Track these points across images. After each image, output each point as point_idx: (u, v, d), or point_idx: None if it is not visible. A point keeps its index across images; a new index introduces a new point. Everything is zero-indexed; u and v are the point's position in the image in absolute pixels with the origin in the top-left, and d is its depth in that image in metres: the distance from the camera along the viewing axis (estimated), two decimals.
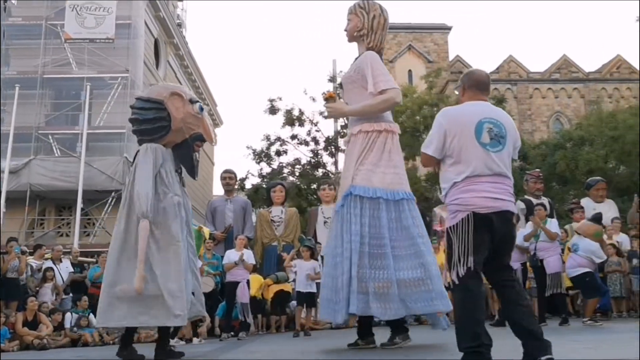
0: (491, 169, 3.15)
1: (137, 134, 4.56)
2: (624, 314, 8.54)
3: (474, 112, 3.27)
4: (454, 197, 3.19)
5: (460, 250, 3.07)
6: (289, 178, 22.38)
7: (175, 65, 23.47)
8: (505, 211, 3.15)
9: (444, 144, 3.25)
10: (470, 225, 3.07)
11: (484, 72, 3.55)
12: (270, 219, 9.07)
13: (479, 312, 3.06)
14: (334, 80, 22.97)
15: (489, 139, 3.18)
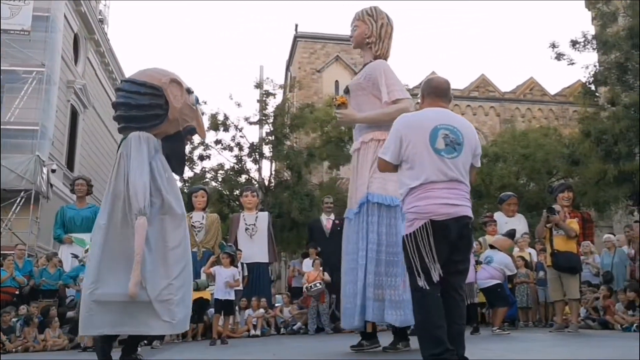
0: (446, 175, 3.16)
1: (123, 120, 4.01)
2: (530, 324, 8.96)
3: (431, 118, 3.29)
4: (410, 204, 3.19)
5: (422, 259, 3.07)
6: (211, 183, 22.05)
7: (96, 62, 22.63)
8: (463, 217, 3.16)
9: (400, 150, 3.26)
10: (430, 233, 3.07)
11: (443, 78, 3.59)
12: (191, 224, 8.88)
13: (439, 317, 3.05)
14: (261, 86, 22.89)
15: (444, 145, 3.19)
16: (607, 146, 16.79)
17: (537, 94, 40.99)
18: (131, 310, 3.66)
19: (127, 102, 3.98)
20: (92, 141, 22.38)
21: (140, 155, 3.85)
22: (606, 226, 26.04)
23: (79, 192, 8.44)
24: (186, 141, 4.29)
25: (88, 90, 20.87)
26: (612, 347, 5.25)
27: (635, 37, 17.24)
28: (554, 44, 19.04)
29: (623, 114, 16.68)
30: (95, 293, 3.64)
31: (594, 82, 19.53)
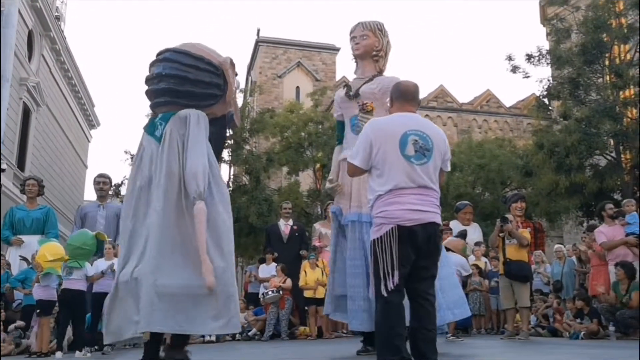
0: (415, 182, 3.14)
1: (171, 94, 3.55)
2: (483, 331, 9.12)
3: (400, 124, 3.25)
4: (378, 209, 3.16)
5: (387, 264, 3.04)
6: None
7: (51, 60, 22.03)
8: (431, 223, 3.15)
9: (370, 155, 3.22)
10: (395, 238, 3.05)
11: (412, 82, 3.50)
12: None
13: (400, 325, 3.03)
14: None
15: (414, 151, 3.17)
16: (559, 158, 17.29)
17: (493, 105, 41.90)
18: (185, 305, 3.34)
19: (182, 76, 3.58)
20: (45, 140, 21.75)
21: (200, 135, 3.52)
22: (557, 236, 26.80)
23: (29, 192, 8.18)
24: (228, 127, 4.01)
25: (42, 88, 20.30)
26: (560, 354, 5.38)
27: (587, 54, 17.86)
28: (510, 56, 19.59)
29: (575, 128, 17.22)
30: (157, 284, 3.28)
31: (547, 96, 20.13)
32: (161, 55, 3.69)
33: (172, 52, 3.68)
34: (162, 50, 3.73)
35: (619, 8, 18.47)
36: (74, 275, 5.92)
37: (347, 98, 5.15)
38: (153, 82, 3.62)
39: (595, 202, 15.60)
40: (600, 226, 8.40)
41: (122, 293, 3.47)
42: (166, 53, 3.69)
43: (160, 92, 3.60)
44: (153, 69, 3.66)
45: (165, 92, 3.59)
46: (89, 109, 28.74)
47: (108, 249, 6.69)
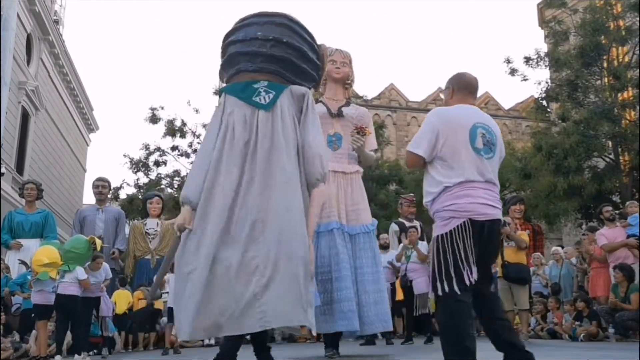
0: (483, 176, 3.02)
1: (287, 66, 3.31)
2: (482, 333, 9.09)
3: (469, 115, 3.11)
4: (447, 202, 2.97)
5: (460, 259, 2.87)
6: (167, 190, 21.74)
7: (49, 64, 22.04)
8: (497, 220, 3.04)
9: (435, 145, 3.04)
10: (468, 232, 2.89)
11: (472, 75, 3.37)
12: (145, 231, 8.73)
13: (470, 326, 2.88)
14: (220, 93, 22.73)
15: (483, 144, 3.04)
16: (557, 160, 17.31)
17: (492, 108, 41.97)
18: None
19: (302, 50, 3.37)
20: (44, 144, 21.75)
21: (315, 115, 3.35)
22: (556, 238, 26.80)
23: (28, 196, 8.18)
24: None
25: (41, 92, 20.31)
26: (560, 356, 5.38)
27: (585, 56, 17.90)
28: (509, 59, 19.62)
29: (573, 130, 17.25)
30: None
31: (545, 98, 20.17)
32: (276, 19, 3.40)
33: (289, 20, 3.44)
34: (271, 13, 3.43)
35: (616, 10, 18.53)
36: (66, 278, 5.89)
37: (330, 115, 5.24)
38: (265, 44, 3.31)
39: (594, 204, 15.63)
40: (601, 228, 8.41)
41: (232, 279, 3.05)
42: (282, 18, 3.41)
43: (272, 59, 3.32)
44: (263, 30, 3.34)
45: (278, 60, 3.32)
46: (87, 113, 28.75)
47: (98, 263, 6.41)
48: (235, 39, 3.40)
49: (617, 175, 17.44)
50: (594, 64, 18.44)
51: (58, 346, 6.04)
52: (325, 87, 5.41)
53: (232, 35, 3.46)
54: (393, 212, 15.16)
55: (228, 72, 3.50)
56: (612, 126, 16.89)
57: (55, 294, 5.91)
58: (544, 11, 25.90)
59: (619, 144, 17.78)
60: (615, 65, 18.22)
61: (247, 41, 3.34)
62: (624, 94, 18.08)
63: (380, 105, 38.53)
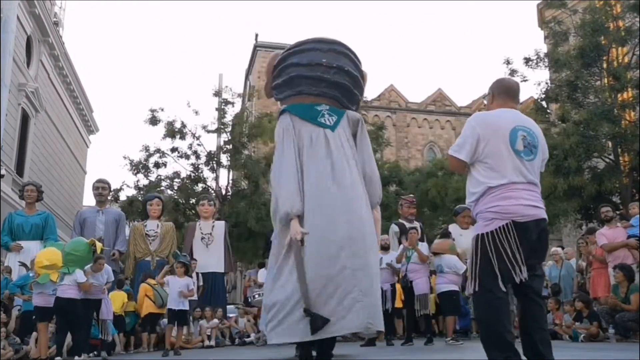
0: (525, 177, 3.09)
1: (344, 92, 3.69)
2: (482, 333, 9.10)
3: (508, 119, 3.20)
4: (490, 203, 3.07)
5: (501, 260, 2.96)
6: (167, 191, 21.72)
7: (49, 66, 22.05)
8: (542, 219, 3.10)
9: (476, 149, 3.15)
10: (513, 233, 2.98)
11: (514, 80, 3.52)
12: (145, 232, 8.74)
13: (509, 322, 2.98)
14: (220, 94, 22.72)
15: (523, 146, 3.12)
16: (557, 161, 17.29)
17: None
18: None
19: (357, 81, 3.72)
20: (44, 146, 21.75)
21: (368, 140, 3.75)
22: (555, 239, 26.79)
23: (28, 198, 8.18)
24: None
25: (40, 94, 20.31)
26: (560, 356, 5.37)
27: (585, 57, 17.89)
28: (508, 60, 19.58)
29: (573, 130, 17.23)
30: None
31: (545, 98, 20.14)
32: (337, 47, 3.69)
33: (347, 49, 3.72)
34: (331, 40, 3.73)
35: (616, 11, 18.52)
36: (65, 281, 5.89)
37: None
38: (328, 70, 3.60)
39: (594, 204, 15.60)
40: (601, 228, 8.40)
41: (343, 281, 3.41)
42: (342, 47, 3.70)
43: (334, 85, 3.63)
44: (327, 57, 3.62)
45: (338, 86, 3.64)
46: (87, 115, 28.75)
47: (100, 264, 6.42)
48: (298, 62, 3.66)
49: (617, 175, 17.42)
50: (594, 64, 18.42)
51: (58, 348, 6.04)
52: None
53: (293, 58, 3.70)
54: (393, 213, 15.14)
55: (285, 92, 3.75)
56: (612, 127, 16.86)
57: (55, 297, 5.91)
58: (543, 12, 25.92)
59: (619, 145, 17.76)
60: (615, 65, 18.20)
61: (312, 66, 3.63)
62: (624, 95, 18.05)
63: (380, 107, 38.53)
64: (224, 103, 22.77)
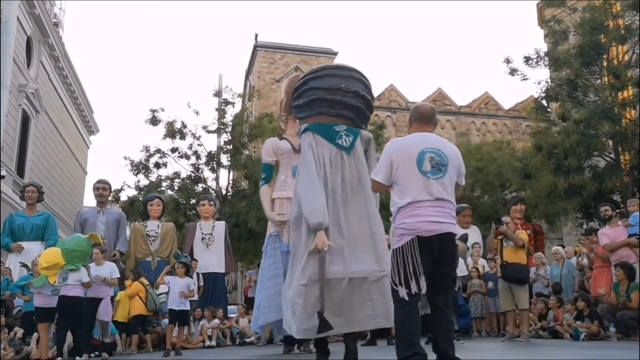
0: (432, 195, 3.41)
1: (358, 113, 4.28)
2: (483, 333, 9.11)
3: (418, 143, 3.56)
4: (400, 221, 3.45)
5: (405, 272, 3.33)
6: (167, 192, 21.72)
7: (49, 66, 22.06)
8: (447, 233, 3.42)
9: (391, 172, 3.53)
10: (415, 247, 3.33)
11: (429, 105, 3.88)
12: (146, 233, 8.74)
13: (416, 325, 3.35)
14: (220, 94, 22.72)
15: (430, 167, 3.45)
16: (557, 160, 17.30)
17: (491, 108, 41.96)
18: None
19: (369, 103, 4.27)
20: (44, 147, 21.76)
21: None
22: (556, 238, 26.80)
23: (29, 199, 8.19)
24: None
25: (41, 94, 20.32)
26: (561, 355, 5.39)
27: (585, 55, 17.88)
28: (508, 59, 19.58)
29: (573, 129, 17.23)
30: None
31: (545, 97, 20.13)
32: (354, 74, 4.25)
33: (362, 75, 4.29)
34: (348, 67, 4.32)
35: (616, 9, 18.51)
36: (69, 280, 5.89)
37: (293, 151, 5.60)
38: (346, 95, 4.14)
39: (595, 203, 15.60)
40: (601, 228, 8.40)
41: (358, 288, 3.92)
42: (358, 74, 4.27)
43: (350, 107, 4.17)
44: (346, 83, 4.15)
45: (353, 109, 4.18)
46: (88, 115, 28.76)
47: (96, 254, 6.56)
48: (319, 86, 4.20)
49: (617, 174, 17.42)
50: (594, 63, 18.41)
51: (58, 348, 6.04)
52: (287, 125, 5.83)
53: (314, 82, 4.24)
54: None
55: (306, 112, 4.30)
56: (612, 125, 16.86)
57: (59, 296, 5.92)
58: (543, 10, 25.91)
59: (619, 143, 17.76)
60: (615, 64, 18.20)
61: (332, 90, 4.15)
62: (624, 93, 18.05)
63: (380, 106, 38.51)
64: (224, 103, 22.78)
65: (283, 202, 5.64)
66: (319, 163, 4.04)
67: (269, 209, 5.71)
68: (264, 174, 5.96)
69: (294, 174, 5.51)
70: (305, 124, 4.29)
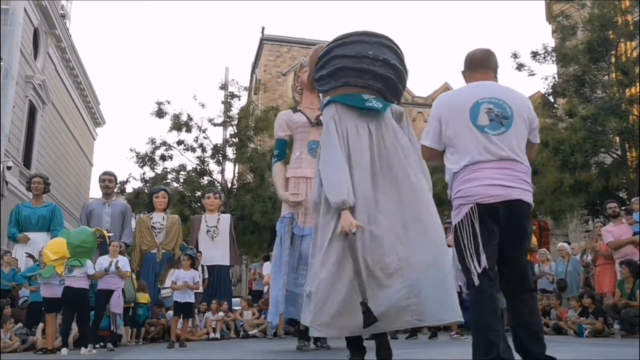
0: (493, 154, 2.76)
1: (389, 85, 3.65)
2: None
3: (470, 94, 2.92)
4: (455, 189, 2.83)
5: (471, 249, 2.69)
6: (173, 184, 21.76)
7: (56, 58, 22.10)
8: (516, 200, 2.73)
9: (440, 133, 2.91)
10: (476, 218, 2.70)
11: (480, 48, 3.17)
12: (151, 225, 8.77)
13: (494, 318, 2.66)
14: (226, 87, 22.71)
15: (488, 120, 2.81)
16: (564, 156, 17.21)
17: None
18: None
19: (401, 75, 3.72)
20: (51, 138, 21.84)
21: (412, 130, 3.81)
22: (562, 234, 26.72)
23: (35, 190, 8.23)
24: None
25: (47, 86, 20.37)
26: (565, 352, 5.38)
27: (593, 51, 17.77)
28: (516, 54, 19.45)
29: (580, 126, 17.14)
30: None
31: (552, 93, 20.02)
32: (383, 40, 3.71)
33: (393, 43, 3.74)
34: (378, 34, 3.74)
35: (624, 5, 18.38)
36: (74, 273, 5.94)
37: (309, 124, 5.31)
38: (374, 63, 3.60)
39: (601, 200, 15.53)
40: (607, 225, 8.37)
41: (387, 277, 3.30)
42: (388, 41, 3.72)
43: (379, 77, 3.61)
44: (373, 49, 3.62)
45: (382, 79, 3.61)
46: (94, 107, 28.83)
47: (115, 247, 6.65)
48: (344, 54, 3.66)
49: (624, 171, 17.34)
50: (602, 59, 18.30)
51: (63, 338, 6.09)
52: (302, 97, 5.51)
53: (339, 49, 3.70)
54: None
55: (330, 83, 3.74)
56: (619, 122, 16.77)
57: (64, 288, 5.97)
58: (551, 6, 25.73)
59: (626, 140, 17.67)
60: (623, 60, 18.07)
61: (358, 58, 3.60)
62: (632, 90, 17.93)
63: None
64: (230, 96, 22.76)
65: (298, 181, 5.21)
66: (343, 137, 3.53)
67: (282, 189, 5.24)
68: (276, 150, 5.48)
69: (310, 150, 5.23)
70: (328, 96, 3.78)
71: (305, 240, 4.96)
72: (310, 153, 5.24)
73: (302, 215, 5.15)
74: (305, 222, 5.09)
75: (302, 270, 4.94)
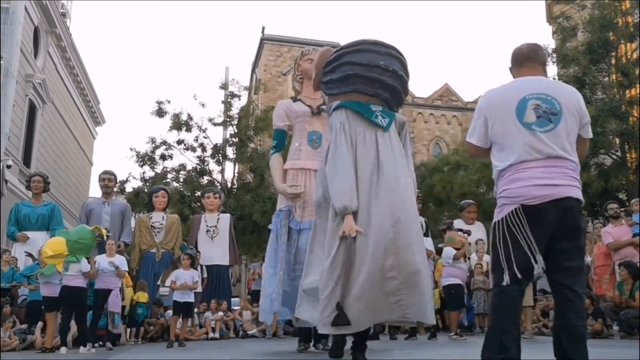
0: (541, 152, 2.69)
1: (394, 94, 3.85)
2: (487, 329, 9.09)
3: (517, 90, 2.85)
4: (501, 188, 2.79)
5: (507, 251, 2.68)
6: (172, 183, 21.77)
7: (56, 57, 22.10)
8: (565, 198, 2.66)
9: (487, 130, 2.87)
10: (522, 219, 2.66)
11: (527, 43, 3.09)
12: (151, 224, 8.76)
13: (511, 321, 2.65)
14: (226, 87, 22.72)
15: (536, 117, 2.73)
16: None
17: None
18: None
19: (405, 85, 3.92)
20: (51, 137, 21.84)
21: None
22: None
23: (35, 189, 8.23)
24: None
25: (48, 85, 20.37)
26: None
27: (593, 53, 17.79)
28: None
29: None
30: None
31: None
32: (392, 51, 3.87)
33: (400, 54, 3.91)
34: (387, 44, 3.90)
35: (625, 7, 18.40)
36: (70, 271, 5.93)
37: (311, 113, 5.20)
38: (384, 73, 3.76)
39: (600, 201, 15.56)
40: (606, 226, 8.37)
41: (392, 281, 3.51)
42: (396, 52, 3.89)
43: (387, 87, 3.79)
44: (384, 60, 3.77)
45: (390, 89, 3.80)
46: (94, 106, 28.83)
47: (110, 245, 6.66)
48: (355, 62, 3.79)
49: (623, 172, 17.37)
50: (602, 60, 18.34)
51: (62, 337, 6.08)
52: (302, 86, 5.38)
53: (350, 57, 3.84)
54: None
55: (340, 88, 3.89)
56: (619, 123, 16.80)
57: (61, 287, 5.97)
58: (552, 7, 25.75)
59: (626, 142, 17.70)
60: (623, 62, 18.11)
61: (370, 67, 3.75)
62: (632, 91, 17.97)
63: None
64: (230, 96, 22.78)
65: (297, 173, 5.07)
66: (351, 143, 3.67)
67: (280, 180, 5.12)
68: (275, 140, 5.37)
69: (310, 140, 5.13)
70: (337, 100, 3.88)
71: (303, 235, 4.85)
72: (310, 144, 5.13)
73: (299, 209, 5.01)
74: (302, 216, 4.96)
75: (299, 269, 4.80)
